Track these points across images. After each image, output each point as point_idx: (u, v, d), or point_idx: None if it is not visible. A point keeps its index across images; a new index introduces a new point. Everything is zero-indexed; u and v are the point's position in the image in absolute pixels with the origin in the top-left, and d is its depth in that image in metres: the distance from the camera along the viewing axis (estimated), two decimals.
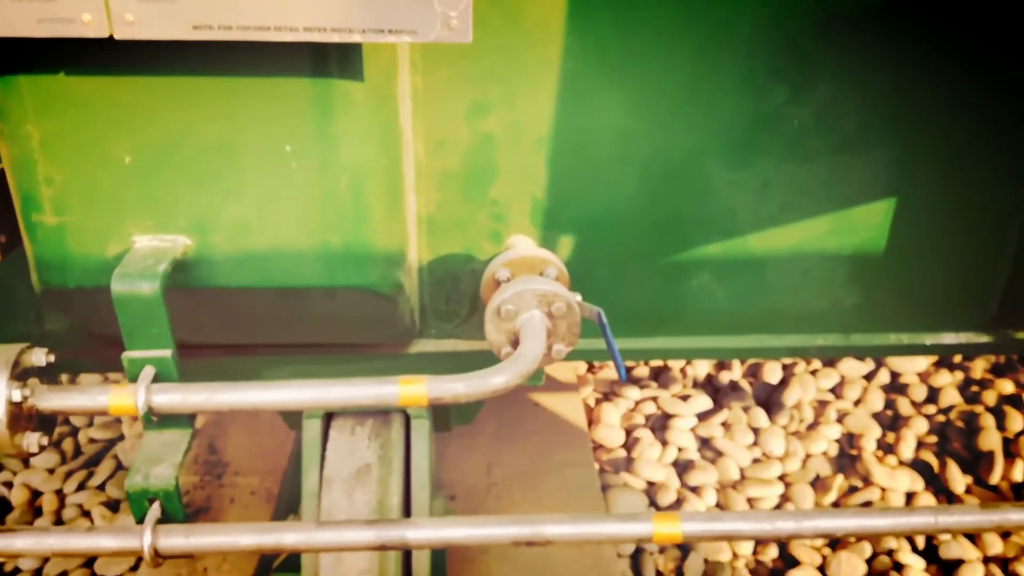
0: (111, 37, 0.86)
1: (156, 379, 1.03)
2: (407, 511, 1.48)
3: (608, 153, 1.25)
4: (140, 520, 1.04)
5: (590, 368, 2.53)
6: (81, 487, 2.15)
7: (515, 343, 1.18)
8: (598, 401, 2.42)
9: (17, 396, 0.98)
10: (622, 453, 2.26)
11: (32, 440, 1.01)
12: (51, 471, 2.20)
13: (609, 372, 2.51)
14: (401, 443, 1.54)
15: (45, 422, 1.05)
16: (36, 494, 2.15)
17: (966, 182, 1.31)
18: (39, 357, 1.02)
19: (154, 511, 1.04)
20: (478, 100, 1.20)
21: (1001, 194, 1.33)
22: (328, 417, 1.54)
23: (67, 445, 2.28)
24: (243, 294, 1.13)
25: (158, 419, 1.03)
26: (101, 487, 2.14)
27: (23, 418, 1.00)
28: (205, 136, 1.01)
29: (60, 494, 2.14)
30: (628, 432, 2.31)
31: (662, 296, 1.37)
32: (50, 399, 1.02)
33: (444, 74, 1.17)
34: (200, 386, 1.01)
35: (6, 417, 0.97)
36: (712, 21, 1.17)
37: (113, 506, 2.09)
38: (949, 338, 1.41)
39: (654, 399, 2.41)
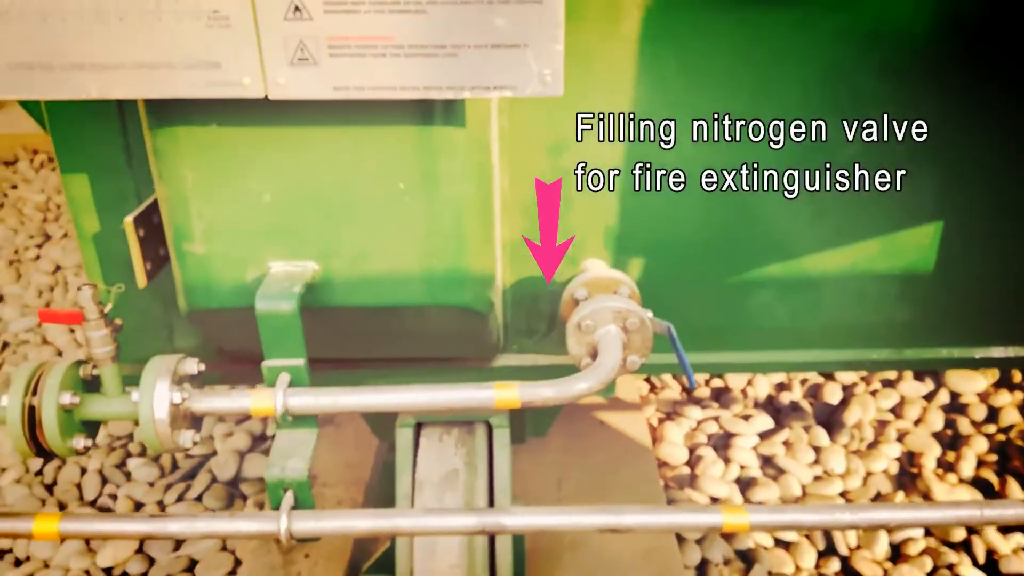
0: (266, 97, 1.07)
1: (290, 385, 1.22)
2: None
3: (675, 181, 1.42)
4: (276, 507, 1.23)
5: (652, 388, 2.67)
6: (180, 499, 2.36)
7: (594, 355, 1.35)
8: (661, 420, 2.56)
9: (177, 398, 1.18)
10: (686, 470, 2.39)
11: (187, 436, 1.21)
12: (151, 484, 2.42)
13: (671, 392, 2.65)
14: (484, 451, 1.71)
15: (196, 421, 1.25)
16: (138, 506, 2.37)
17: (1009, 202, 1.45)
18: (192, 366, 1.23)
19: (288, 499, 1.23)
20: (558, 139, 1.39)
21: None
22: (418, 427, 1.73)
23: (165, 460, 2.50)
24: (357, 312, 1.33)
25: (292, 419, 1.22)
26: (198, 498, 2.35)
27: (180, 417, 1.20)
28: (333, 176, 1.21)
29: (161, 505, 2.35)
30: (691, 450, 2.45)
31: (725, 313, 1.53)
32: (202, 401, 1.22)
33: (527, 117, 1.36)
34: (327, 390, 1.21)
35: (168, 416, 1.17)
36: (765, 58, 1.34)
37: None
38: (998, 351, 1.54)
39: (716, 419, 2.54)
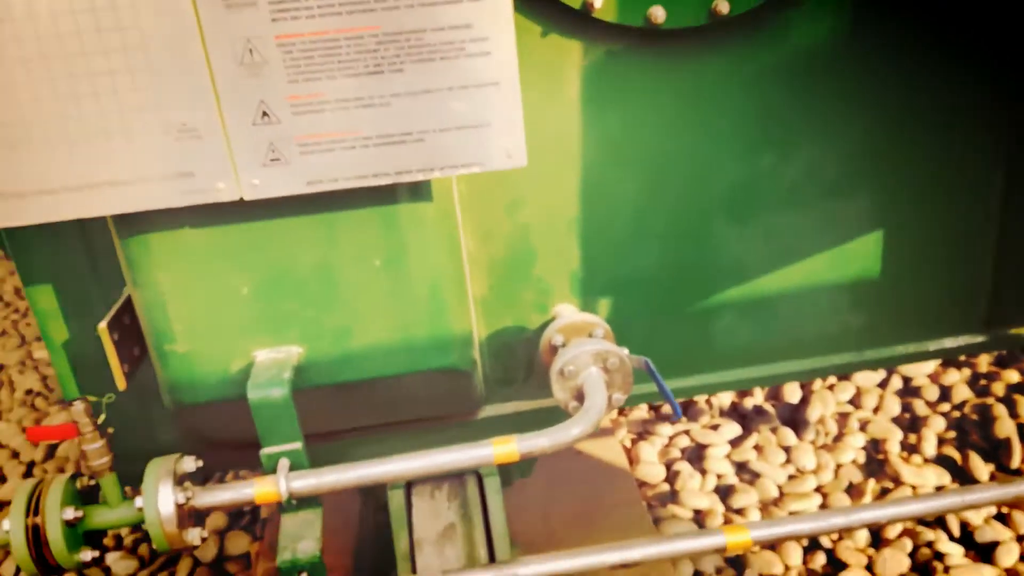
0: (241, 199, 1.12)
1: (291, 468, 1.27)
2: (492, 561, 1.70)
3: (629, 225, 1.52)
4: None
5: (621, 411, 2.77)
6: None
7: (579, 398, 1.43)
8: (634, 441, 2.65)
9: (181, 498, 1.21)
10: (665, 487, 2.48)
11: (195, 534, 1.24)
12: None
13: (639, 413, 2.75)
14: (478, 501, 1.77)
15: (201, 517, 1.28)
16: None
17: (943, 207, 1.59)
18: (190, 464, 1.26)
19: None
20: (514, 197, 1.47)
21: (975, 212, 1.60)
22: (408, 485, 1.77)
23: (143, 550, 2.48)
24: (345, 387, 1.38)
25: (296, 502, 1.26)
26: None
27: (185, 516, 1.24)
28: (309, 261, 1.27)
29: None
30: (667, 466, 2.54)
31: (692, 339, 1.63)
32: (205, 497, 1.25)
33: (483, 181, 1.44)
34: (329, 469, 1.25)
35: (175, 517, 1.21)
36: (702, 103, 1.45)
37: None
38: (949, 342, 1.67)
39: (686, 432, 2.64)
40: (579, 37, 1.38)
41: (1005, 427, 2.44)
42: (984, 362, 2.72)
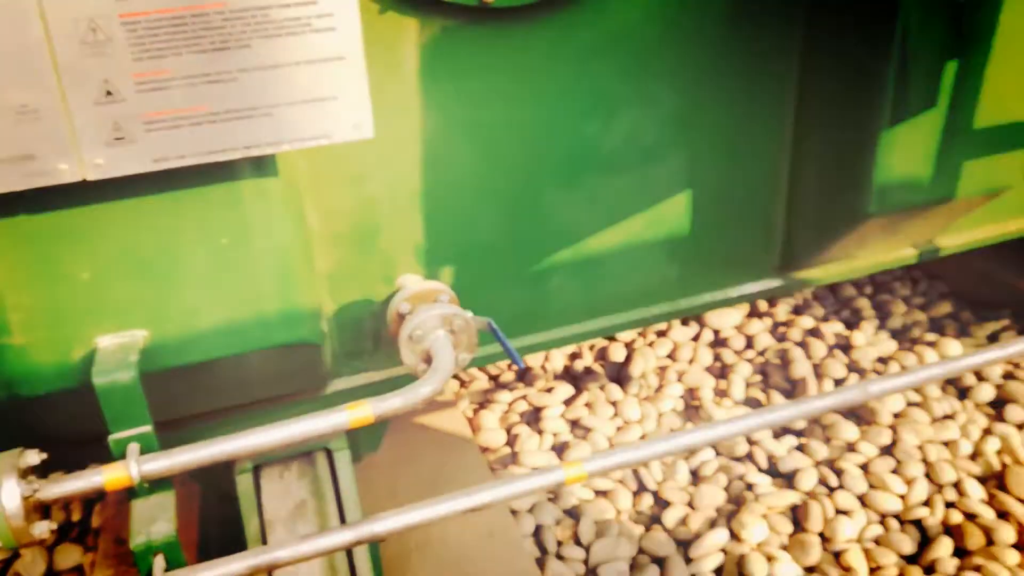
0: (84, 180, 1.10)
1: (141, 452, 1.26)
2: None
3: (469, 196, 1.61)
4: (147, 574, 1.27)
5: (462, 384, 2.86)
6: None
7: (428, 360, 1.50)
8: (476, 411, 2.75)
9: (27, 491, 1.18)
10: (507, 450, 2.61)
11: (43, 527, 1.21)
12: None
13: (480, 383, 2.86)
14: (328, 476, 1.80)
15: (47, 511, 1.25)
16: None
17: (742, 166, 1.78)
18: (33, 457, 1.22)
19: (160, 562, 1.27)
20: (358, 171, 1.51)
21: (768, 170, 1.81)
22: (256, 470, 1.78)
23: None
24: (193, 369, 1.38)
25: (148, 485, 1.25)
26: None
27: (31, 510, 1.20)
28: (154, 243, 1.25)
29: None
30: (508, 431, 2.66)
31: (530, 300, 1.75)
32: (52, 489, 1.22)
33: (325, 155, 1.47)
34: (182, 448, 1.26)
35: (21, 511, 1.17)
36: (532, 77, 1.56)
37: None
38: (750, 288, 1.89)
39: (524, 397, 2.78)
40: (415, 14, 1.44)
41: (801, 368, 2.75)
42: (783, 312, 3.05)
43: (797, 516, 2.20)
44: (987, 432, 2.39)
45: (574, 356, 2.94)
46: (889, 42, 1.43)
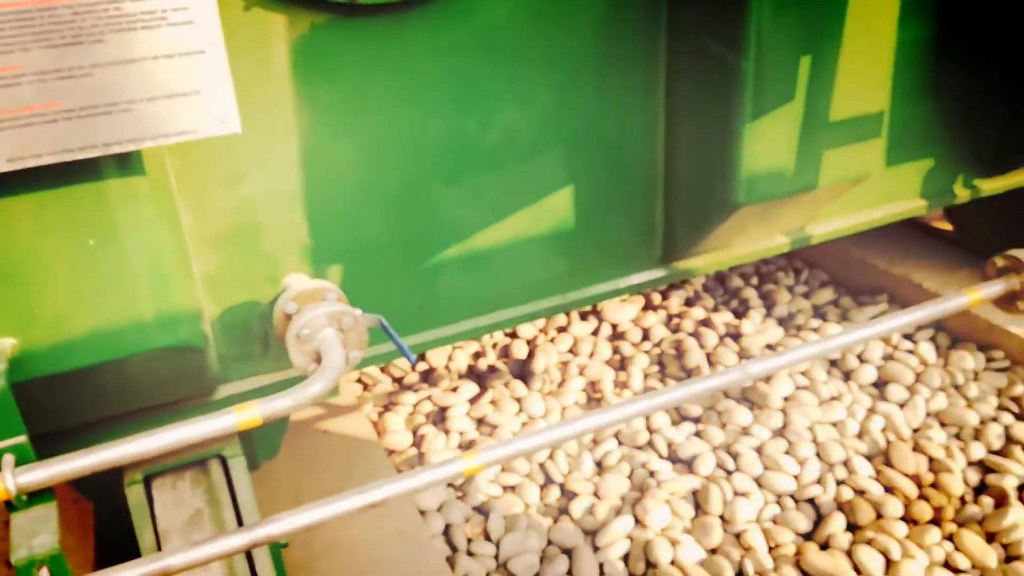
0: None
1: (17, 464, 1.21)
2: None
3: (353, 194, 1.61)
4: None
5: (365, 387, 2.85)
6: None
7: (318, 360, 1.49)
8: (380, 413, 2.74)
9: None
10: (413, 451, 2.61)
11: None
12: None
13: (384, 386, 2.85)
14: (224, 484, 1.77)
15: None
16: None
17: (620, 160, 1.83)
18: None
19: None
20: (233, 171, 1.50)
21: (645, 165, 1.87)
22: (147, 481, 1.73)
23: None
24: (69, 377, 1.34)
25: (27, 498, 1.21)
26: None
27: None
28: (17, 247, 1.21)
29: None
30: (414, 432, 2.66)
31: (420, 296, 1.75)
32: None
33: (199, 154, 1.45)
34: (61, 458, 1.22)
35: None
36: (408, 74, 1.57)
37: None
38: (636, 278, 1.94)
39: (429, 398, 2.78)
40: (283, 10, 1.43)
41: (695, 357, 2.84)
42: (675, 304, 3.14)
43: (698, 500, 2.27)
44: (871, 411, 2.51)
45: (478, 355, 2.96)
46: (744, 36, 1.50)
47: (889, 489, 2.23)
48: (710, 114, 1.63)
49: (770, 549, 2.13)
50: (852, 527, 2.15)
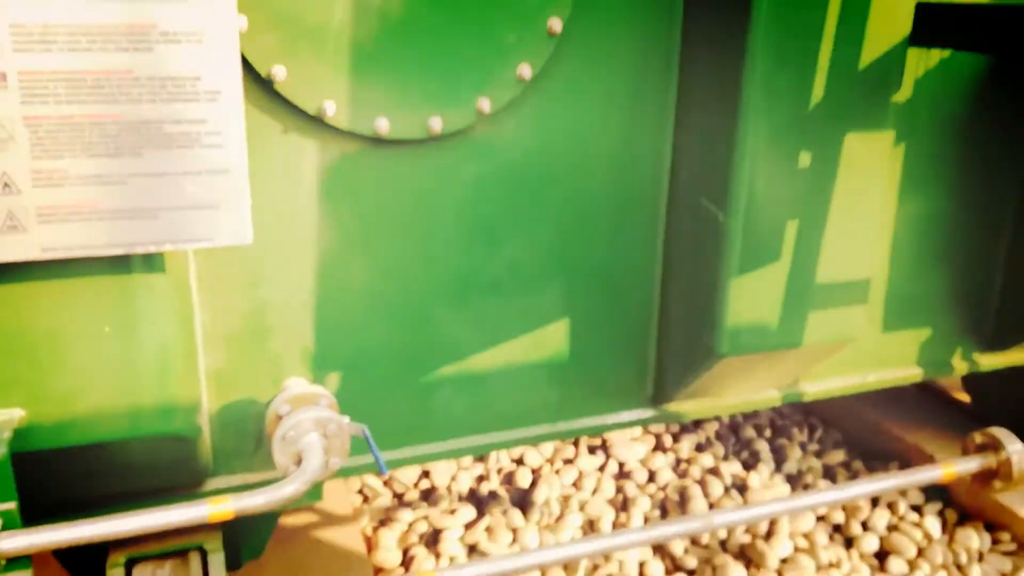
0: None
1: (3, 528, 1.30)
2: None
3: (360, 306, 1.73)
4: None
5: (365, 499, 2.89)
6: None
7: (299, 463, 1.57)
8: (375, 528, 2.77)
9: None
10: (400, 571, 2.62)
11: None
12: None
13: (383, 500, 2.89)
14: None
15: None
16: None
17: (615, 303, 1.93)
18: None
19: None
20: (253, 275, 1.63)
21: (641, 306, 1.96)
22: (128, 566, 1.79)
23: None
24: (69, 453, 1.44)
25: (5, 563, 1.29)
26: None
27: None
28: (38, 326, 1.34)
29: None
30: (405, 552, 2.68)
31: (415, 411, 1.84)
32: None
33: (224, 258, 1.59)
34: (43, 528, 1.30)
35: None
36: (425, 202, 1.72)
37: None
38: (626, 415, 2.00)
39: (425, 518, 2.80)
40: (315, 137, 1.60)
41: (698, 506, 2.83)
42: (686, 448, 3.15)
43: None
44: None
45: (481, 478, 2.99)
46: (734, 197, 1.62)
47: None
48: (701, 265, 1.73)
49: None
50: None
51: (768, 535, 2.65)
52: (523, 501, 2.88)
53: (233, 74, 1.24)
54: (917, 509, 2.75)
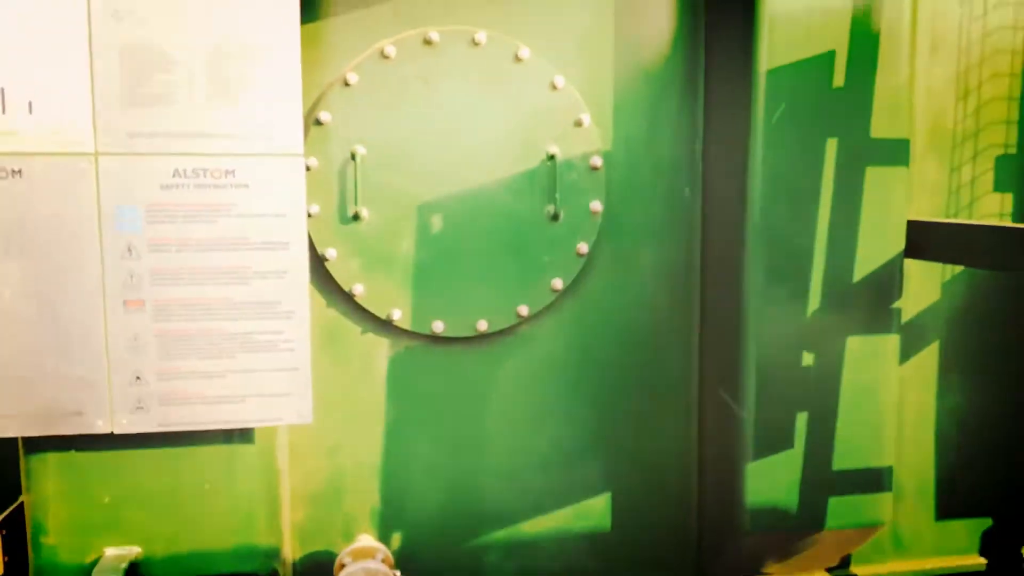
0: (111, 432, 1.66)
1: None
2: None
3: (421, 476, 2.06)
4: None
5: None
6: None
7: None
8: None
9: None
10: None
11: None
12: None
13: None
14: None
15: None
16: None
17: (654, 479, 2.15)
18: None
19: None
20: (334, 443, 2.02)
21: (679, 482, 2.16)
22: None
23: None
24: None
25: None
26: None
27: None
28: (156, 482, 1.78)
29: None
30: None
31: (465, 571, 2.11)
32: None
33: (308, 430, 2.00)
34: None
35: None
36: (477, 387, 2.06)
37: None
38: None
39: None
40: (386, 336, 2.01)
41: None
42: None
43: None
44: None
45: None
46: (744, 392, 1.86)
47: None
48: (725, 447, 1.95)
49: None
50: None
51: None
52: None
53: (303, 299, 1.69)
54: None
